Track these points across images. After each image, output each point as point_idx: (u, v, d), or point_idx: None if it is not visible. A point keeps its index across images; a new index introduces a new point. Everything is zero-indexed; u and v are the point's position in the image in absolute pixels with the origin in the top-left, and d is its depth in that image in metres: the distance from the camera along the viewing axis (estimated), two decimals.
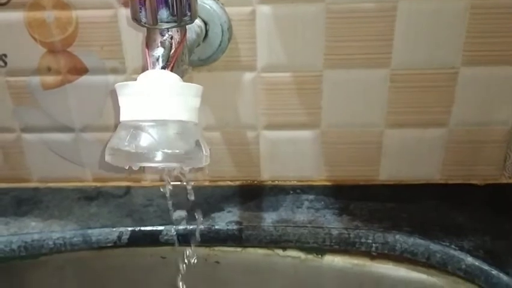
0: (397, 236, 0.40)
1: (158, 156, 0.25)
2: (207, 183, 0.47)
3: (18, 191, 0.48)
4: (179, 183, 0.35)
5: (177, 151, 0.26)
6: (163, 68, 0.27)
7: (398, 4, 0.39)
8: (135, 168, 0.26)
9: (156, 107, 0.26)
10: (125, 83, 0.26)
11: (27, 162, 0.47)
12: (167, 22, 0.28)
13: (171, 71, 0.27)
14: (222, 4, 0.39)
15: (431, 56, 0.41)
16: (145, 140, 0.25)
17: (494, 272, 0.36)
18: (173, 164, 0.27)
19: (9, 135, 0.46)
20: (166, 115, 0.26)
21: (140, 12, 0.27)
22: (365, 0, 0.39)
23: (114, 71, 0.42)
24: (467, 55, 0.40)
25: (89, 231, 0.42)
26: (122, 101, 0.27)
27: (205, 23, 0.39)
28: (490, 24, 0.39)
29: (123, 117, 0.26)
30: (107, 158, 0.27)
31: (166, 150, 0.25)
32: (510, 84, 0.41)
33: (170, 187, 0.36)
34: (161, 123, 0.26)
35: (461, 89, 0.42)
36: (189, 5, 0.28)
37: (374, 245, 0.40)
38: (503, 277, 0.35)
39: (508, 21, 0.39)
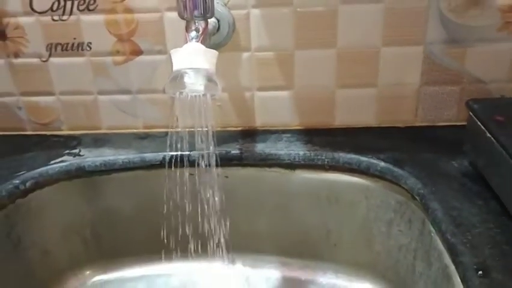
0: (340, 154, 0.62)
1: (195, 86, 0.48)
2: (218, 129, 0.70)
3: (94, 135, 0.71)
4: (201, 129, 0.57)
5: (204, 83, 0.49)
6: (196, 42, 0.51)
7: (338, 8, 0.62)
8: (184, 94, 0.49)
9: (192, 60, 0.49)
10: (176, 48, 0.49)
11: (100, 115, 0.71)
12: (198, 17, 0.51)
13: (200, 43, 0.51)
14: (229, 8, 0.62)
15: (362, 40, 0.63)
16: (187, 78, 0.48)
17: (396, 169, 0.58)
18: (202, 91, 0.49)
19: (89, 97, 0.69)
20: (198, 65, 0.49)
21: (183, 12, 0.50)
22: (318, 5, 0.62)
23: (159, 52, 0.66)
24: (385, 39, 0.63)
25: (144, 154, 0.65)
26: (174, 58, 0.50)
27: (218, 20, 0.62)
28: (399, 19, 0.62)
29: (175, 67, 0.49)
30: (167, 90, 0.49)
31: (198, 83, 0.48)
32: (415, 58, 0.64)
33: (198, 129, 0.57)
34: (195, 70, 0.49)
35: (383, 62, 0.64)
36: (210, 7, 0.51)
37: (326, 160, 0.62)
38: (400, 171, 0.57)
39: (410, 17, 0.61)
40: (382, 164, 0.59)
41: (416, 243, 0.58)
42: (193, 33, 0.51)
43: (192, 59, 0.49)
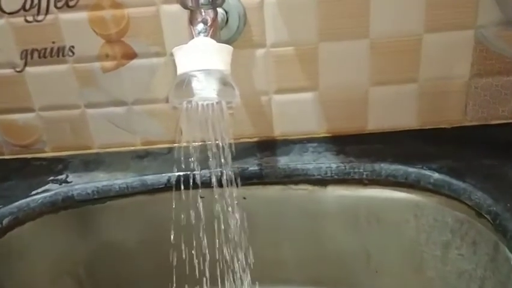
0: (382, 164, 0.51)
1: (206, 93, 0.38)
2: (231, 141, 0.60)
3: (84, 156, 0.60)
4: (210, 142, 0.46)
5: (217, 89, 0.38)
6: (205, 36, 0.40)
7: None
8: (193, 103, 0.38)
9: (202, 60, 0.38)
10: (180, 46, 0.39)
11: (90, 133, 0.60)
12: (205, 5, 0.40)
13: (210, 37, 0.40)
14: None
15: (400, 27, 0.53)
16: (197, 82, 0.38)
17: (454, 181, 0.48)
18: (217, 98, 0.39)
19: (75, 111, 0.59)
20: (209, 66, 0.38)
21: (187, 0, 0.40)
22: None
23: (157, 54, 0.55)
24: (428, 24, 0.52)
25: (145, 177, 0.54)
26: (178, 59, 0.39)
27: (226, 12, 0.51)
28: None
29: (180, 71, 0.39)
30: (171, 99, 0.39)
31: (211, 89, 0.38)
32: (464, 45, 0.53)
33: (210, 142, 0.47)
34: (206, 72, 0.38)
35: (426, 52, 0.54)
36: None
37: (364, 173, 0.52)
38: (461, 184, 0.47)
39: None
40: (436, 175, 0.49)
41: (484, 270, 0.47)
42: (200, 26, 0.41)
43: (201, 57, 0.38)
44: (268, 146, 0.58)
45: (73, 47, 0.55)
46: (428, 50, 0.54)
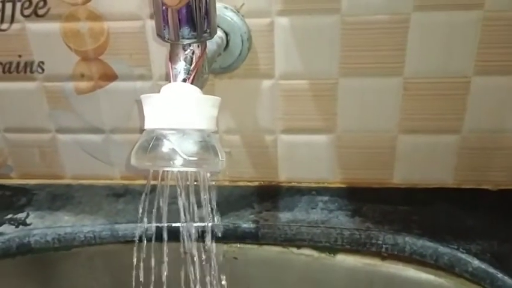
0: (407, 238, 0.41)
1: (178, 161, 0.28)
2: (226, 183, 0.50)
3: (53, 187, 0.51)
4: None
5: (195, 157, 0.28)
6: (184, 80, 0.30)
7: (411, 16, 0.40)
8: (159, 170, 0.29)
9: (177, 116, 0.28)
10: (149, 94, 0.29)
11: (62, 161, 0.51)
12: (188, 38, 0.30)
13: (191, 83, 0.30)
14: (242, 16, 0.41)
15: (443, 66, 0.42)
16: (166, 146, 0.28)
17: (500, 275, 0.37)
18: (192, 169, 0.29)
19: (45, 136, 0.50)
20: (186, 124, 0.28)
21: (164, 29, 0.30)
22: (378, 12, 0.40)
23: (141, 77, 0.45)
24: (480, 65, 0.41)
25: (117, 226, 0.45)
26: (146, 110, 0.29)
27: (226, 34, 0.41)
28: (502, 35, 0.40)
29: (147, 126, 0.29)
30: (133, 162, 0.29)
31: (184, 156, 0.28)
32: None
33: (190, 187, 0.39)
34: (181, 132, 0.28)
35: (474, 98, 0.43)
36: (208, 23, 0.30)
37: (384, 246, 0.42)
38: (508, 280, 0.37)
39: None
40: (476, 262, 0.38)
41: None
42: (181, 65, 0.31)
43: (177, 113, 0.28)
44: (270, 194, 0.48)
45: (42, 62, 0.46)
46: (477, 96, 0.43)
